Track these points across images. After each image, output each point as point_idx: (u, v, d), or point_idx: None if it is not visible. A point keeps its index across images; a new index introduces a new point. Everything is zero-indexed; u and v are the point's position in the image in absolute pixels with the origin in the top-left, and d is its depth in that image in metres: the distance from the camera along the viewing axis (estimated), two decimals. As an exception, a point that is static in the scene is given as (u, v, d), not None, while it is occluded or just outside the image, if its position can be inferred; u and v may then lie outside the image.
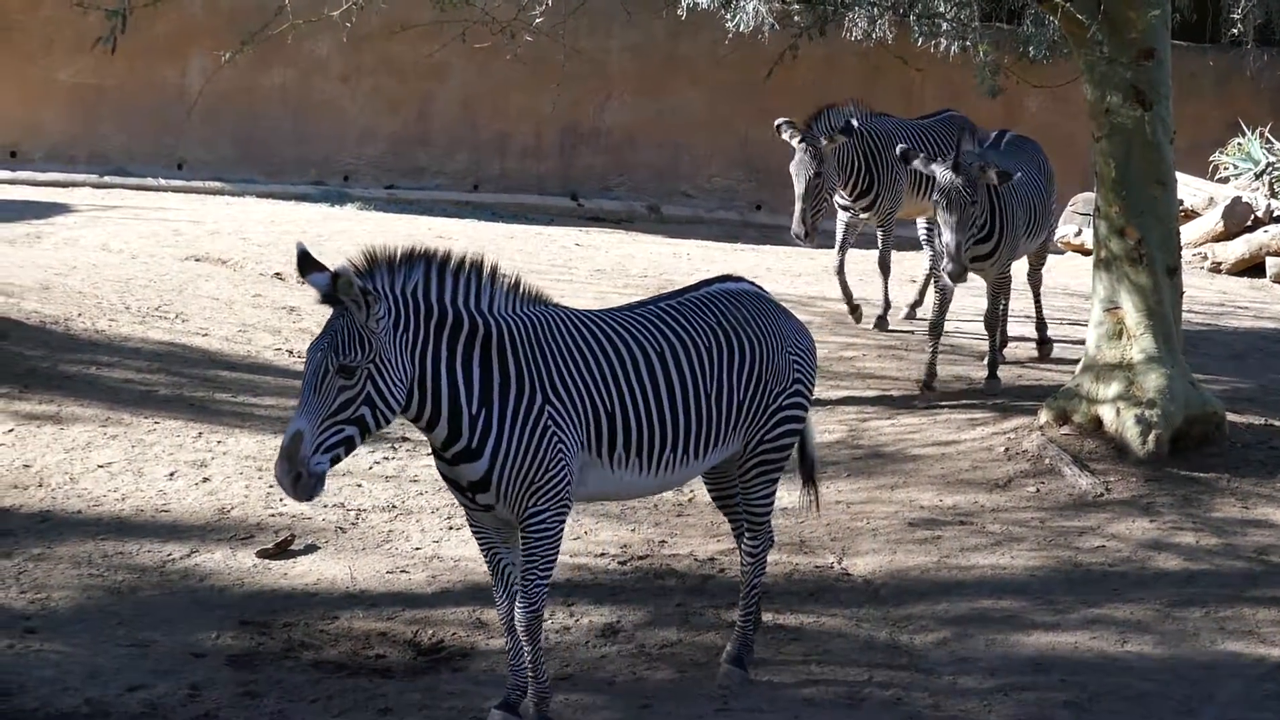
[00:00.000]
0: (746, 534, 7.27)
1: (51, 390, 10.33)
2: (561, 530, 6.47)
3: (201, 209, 17.36)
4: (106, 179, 19.14)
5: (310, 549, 8.62)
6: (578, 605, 7.91)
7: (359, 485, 9.34)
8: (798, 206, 12.51)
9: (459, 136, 20.89)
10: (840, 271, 13.21)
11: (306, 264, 6.08)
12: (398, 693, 6.96)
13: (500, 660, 7.05)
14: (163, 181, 19.34)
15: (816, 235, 12.74)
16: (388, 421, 6.13)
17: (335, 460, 6.03)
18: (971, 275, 11.22)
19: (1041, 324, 12.86)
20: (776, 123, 12.75)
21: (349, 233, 15.34)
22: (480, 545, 6.68)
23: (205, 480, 9.39)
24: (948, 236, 10.61)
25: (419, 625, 7.72)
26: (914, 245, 15.01)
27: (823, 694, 7.11)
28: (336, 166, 20.46)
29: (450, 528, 8.84)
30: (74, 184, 18.85)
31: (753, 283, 7.26)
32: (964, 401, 11.17)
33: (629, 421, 6.56)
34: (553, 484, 6.35)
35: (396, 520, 8.99)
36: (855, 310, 13.23)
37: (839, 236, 13.31)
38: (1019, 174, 10.99)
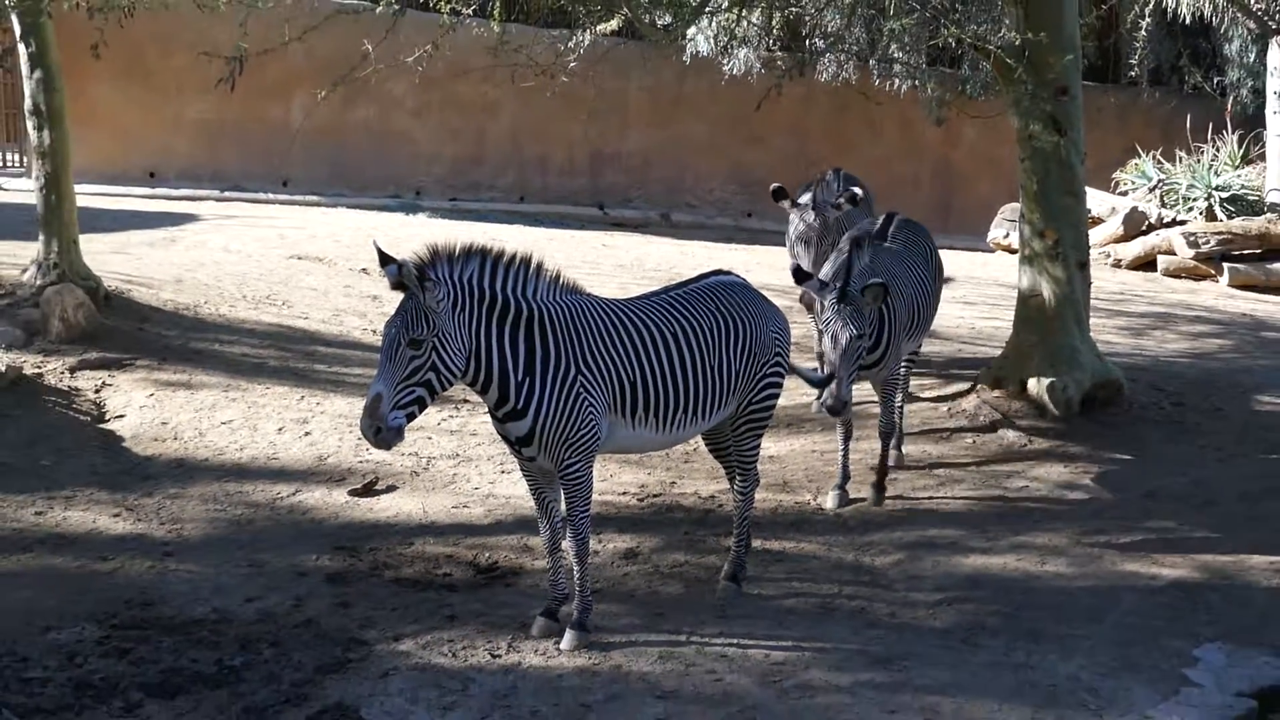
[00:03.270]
0: (738, 477, 7.25)
1: (184, 363, 10.35)
2: (591, 475, 6.45)
3: (302, 218, 17.33)
4: (227, 194, 19.10)
5: (391, 489, 8.64)
6: (604, 534, 7.91)
7: (429, 438, 9.35)
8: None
9: (508, 158, 20.82)
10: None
11: (383, 258, 6.07)
12: (461, 603, 6.97)
13: (543, 577, 7.05)
14: (271, 196, 19.29)
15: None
16: (450, 384, 6.10)
17: (411, 417, 5.99)
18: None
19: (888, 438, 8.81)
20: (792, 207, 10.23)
21: (420, 236, 15.22)
22: (529, 485, 6.68)
23: (307, 434, 9.40)
24: (835, 365, 7.62)
25: (478, 549, 7.72)
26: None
27: (802, 605, 7.11)
28: (410, 183, 20.40)
29: (503, 472, 8.84)
30: (200, 198, 18.81)
31: (739, 276, 7.23)
32: (915, 371, 11.14)
33: (648, 389, 6.53)
34: (583, 439, 6.32)
35: (460, 466, 8.99)
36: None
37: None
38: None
